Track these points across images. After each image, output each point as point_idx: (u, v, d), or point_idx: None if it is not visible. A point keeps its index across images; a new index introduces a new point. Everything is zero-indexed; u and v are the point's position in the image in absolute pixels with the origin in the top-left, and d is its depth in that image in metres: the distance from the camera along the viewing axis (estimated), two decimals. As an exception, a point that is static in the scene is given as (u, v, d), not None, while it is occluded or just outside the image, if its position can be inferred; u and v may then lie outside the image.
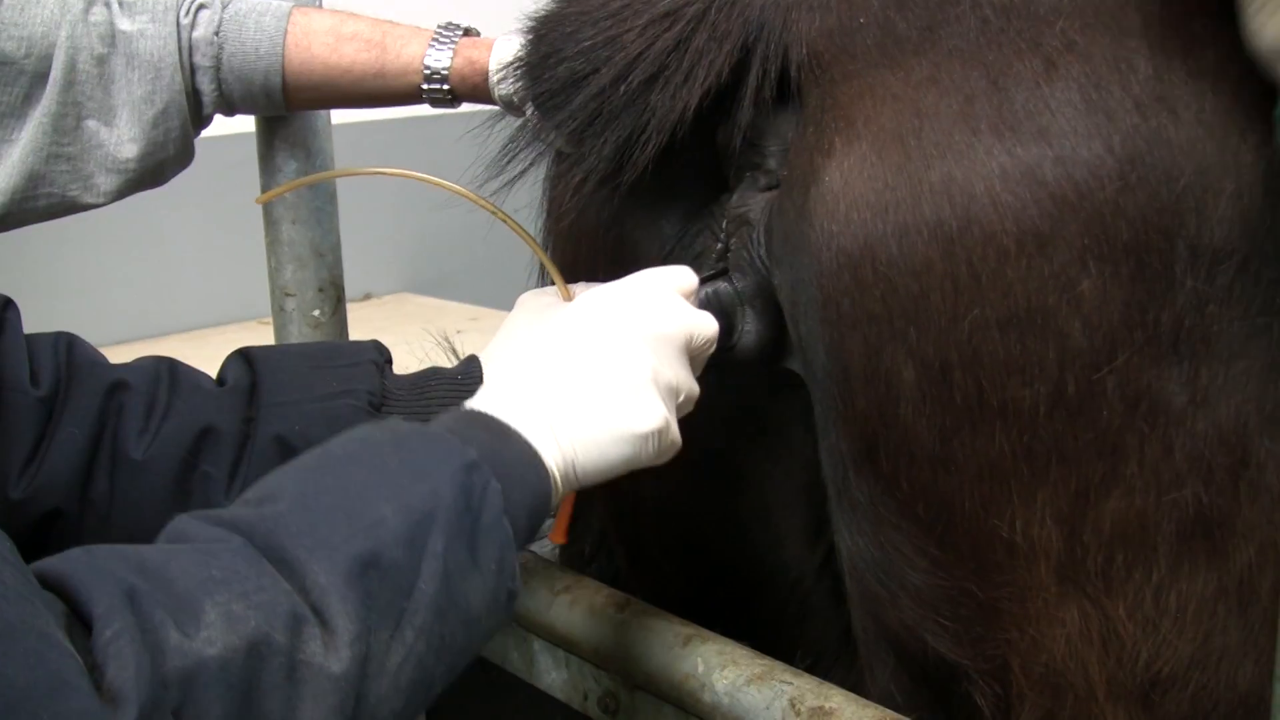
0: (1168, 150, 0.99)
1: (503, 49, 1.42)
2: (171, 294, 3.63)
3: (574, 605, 1.31)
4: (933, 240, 1.00)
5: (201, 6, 1.46)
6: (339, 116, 1.69)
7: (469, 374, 1.26)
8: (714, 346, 1.14)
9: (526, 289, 1.34)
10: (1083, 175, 0.98)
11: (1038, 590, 1.06)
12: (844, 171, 1.03)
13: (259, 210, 1.66)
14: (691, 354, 1.11)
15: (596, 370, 1.05)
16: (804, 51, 1.10)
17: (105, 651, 0.75)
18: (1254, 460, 1.03)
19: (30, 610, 0.75)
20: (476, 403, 1.04)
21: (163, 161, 1.48)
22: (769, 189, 1.17)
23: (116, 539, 1.15)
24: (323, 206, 1.64)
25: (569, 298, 1.25)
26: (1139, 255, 0.99)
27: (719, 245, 1.21)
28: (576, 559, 1.58)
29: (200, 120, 1.51)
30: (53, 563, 0.82)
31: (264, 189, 1.64)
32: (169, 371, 1.24)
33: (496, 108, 1.43)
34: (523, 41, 1.23)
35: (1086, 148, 0.99)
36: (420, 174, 1.27)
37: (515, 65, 1.24)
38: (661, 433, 1.05)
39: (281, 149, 1.61)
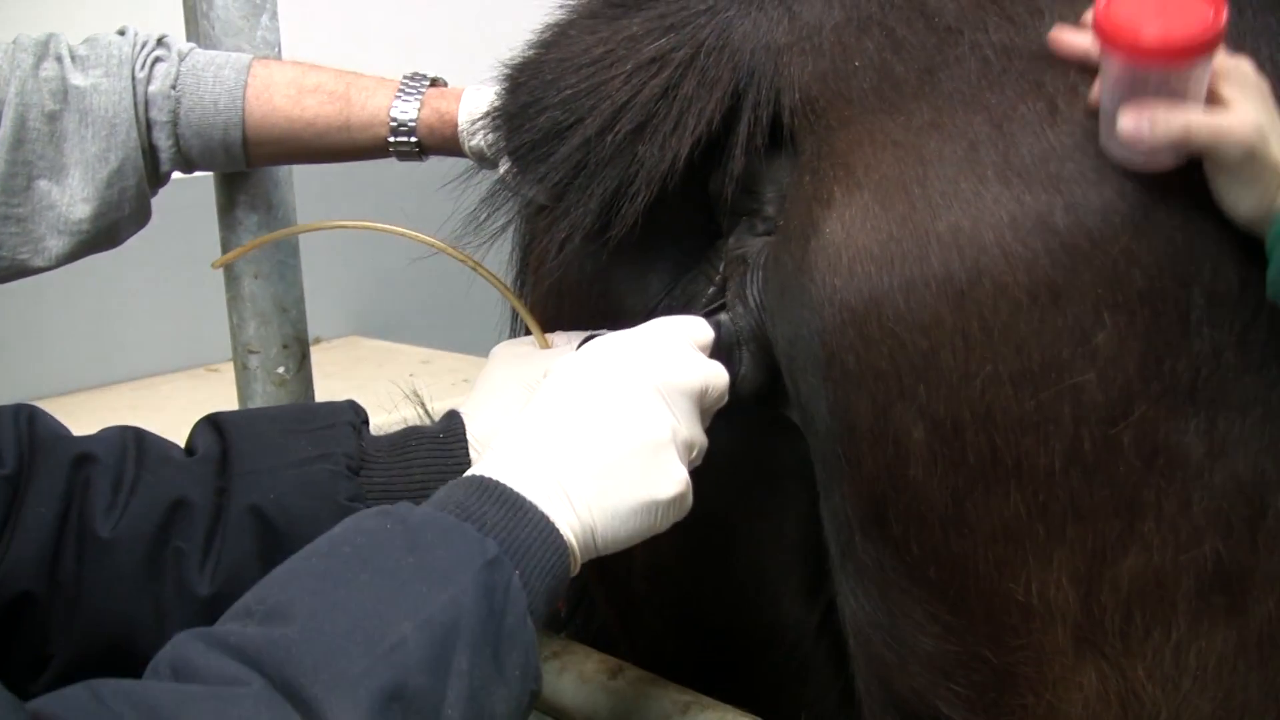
0: (1180, 192, 0.95)
1: (473, 100, 1.38)
2: (117, 341, 3.56)
3: (563, 672, 1.26)
4: (942, 294, 0.96)
5: (158, 60, 1.40)
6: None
7: (450, 432, 1.20)
8: (725, 399, 1.08)
9: (476, 330, 1.28)
10: (1095, 222, 0.95)
11: (1054, 653, 1.01)
12: (845, 222, 0.99)
13: (210, 255, 1.60)
14: (704, 407, 1.06)
15: (615, 430, 0.99)
16: (797, 97, 1.06)
17: None
18: (1271, 510, 1.00)
19: None
20: (486, 468, 0.97)
21: (117, 222, 1.42)
22: (767, 234, 1.13)
23: (87, 621, 1.09)
24: (286, 260, 1.59)
25: (547, 347, 1.20)
26: (1154, 304, 0.95)
27: (715, 284, 1.17)
28: (553, 619, 1.52)
29: (158, 179, 1.45)
30: (49, 704, 0.75)
31: (223, 243, 1.58)
32: (136, 443, 1.17)
33: (467, 160, 1.39)
34: (499, 91, 1.18)
35: (1097, 193, 0.95)
36: (393, 227, 1.22)
37: (493, 116, 1.19)
38: (683, 497, 1.01)
39: (242, 202, 1.55)
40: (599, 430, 0.99)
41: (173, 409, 3.23)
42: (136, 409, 3.29)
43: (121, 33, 1.42)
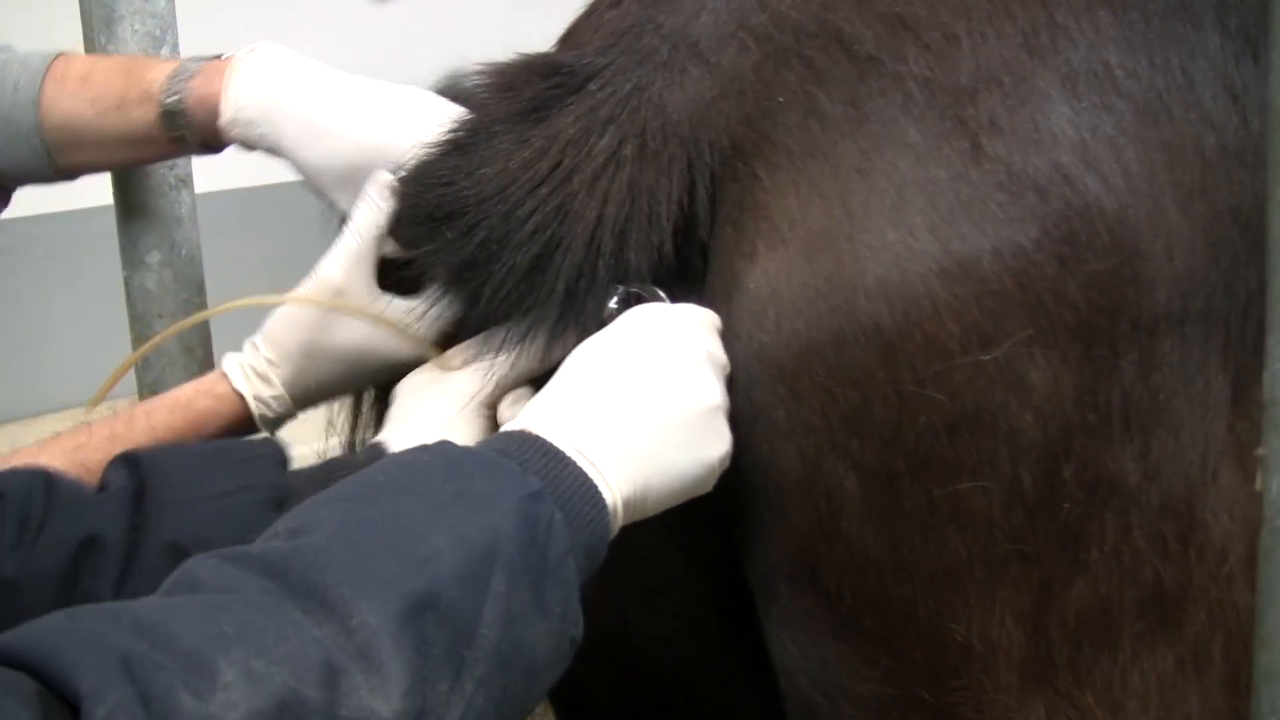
0: (1102, 221, 0.94)
1: (243, 81, 1.24)
2: (34, 373, 3.43)
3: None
4: (872, 347, 0.94)
5: None
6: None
7: (375, 459, 1.16)
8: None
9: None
10: (1021, 264, 0.93)
11: (995, 691, 1.00)
12: (770, 278, 0.96)
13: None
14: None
15: (663, 391, 0.96)
16: (726, 144, 1.02)
17: None
18: (1199, 523, 1.00)
19: None
20: (523, 423, 0.94)
21: None
22: None
23: None
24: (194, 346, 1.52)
25: (450, 368, 1.15)
26: (1085, 338, 0.94)
27: None
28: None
29: None
30: (21, 633, 0.70)
31: (125, 282, 1.51)
32: (45, 483, 1.11)
33: None
34: (423, 226, 1.09)
35: (1023, 233, 0.93)
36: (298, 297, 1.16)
37: (443, 268, 1.09)
38: (729, 456, 0.99)
39: (144, 243, 1.49)
40: (646, 390, 0.96)
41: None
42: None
43: None
